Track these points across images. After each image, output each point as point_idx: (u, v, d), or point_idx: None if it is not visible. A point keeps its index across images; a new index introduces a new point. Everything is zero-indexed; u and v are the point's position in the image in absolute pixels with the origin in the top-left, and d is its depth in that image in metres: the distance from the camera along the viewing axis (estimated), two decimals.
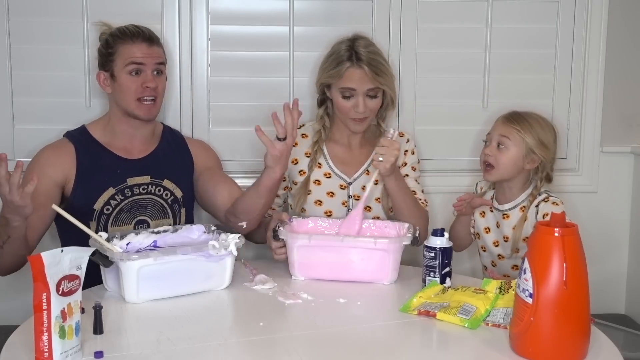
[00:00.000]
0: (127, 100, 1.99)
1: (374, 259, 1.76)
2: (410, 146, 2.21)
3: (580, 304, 1.30)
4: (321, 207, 2.13)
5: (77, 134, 2.05)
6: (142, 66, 1.97)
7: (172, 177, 2.09)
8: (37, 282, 1.21)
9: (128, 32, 2.00)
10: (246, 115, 2.39)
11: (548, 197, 2.04)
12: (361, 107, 2.05)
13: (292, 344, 1.40)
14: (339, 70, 2.05)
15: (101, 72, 2.02)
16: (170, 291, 1.62)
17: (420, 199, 2.16)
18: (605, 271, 2.58)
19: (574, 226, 1.31)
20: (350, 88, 2.05)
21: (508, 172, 2.05)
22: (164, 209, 2.08)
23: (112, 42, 2.00)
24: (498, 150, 2.04)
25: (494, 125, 2.08)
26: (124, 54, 1.97)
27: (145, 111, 2.00)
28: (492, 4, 2.44)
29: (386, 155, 1.92)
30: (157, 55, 2.02)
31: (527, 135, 2.02)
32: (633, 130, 2.58)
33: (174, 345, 1.37)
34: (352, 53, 2.05)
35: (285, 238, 1.79)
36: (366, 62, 2.04)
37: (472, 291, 1.61)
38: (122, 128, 2.05)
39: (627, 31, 2.51)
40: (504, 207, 2.10)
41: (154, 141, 2.11)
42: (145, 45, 1.99)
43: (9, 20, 2.26)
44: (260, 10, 2.38)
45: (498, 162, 2.03)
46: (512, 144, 2.03)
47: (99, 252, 1.56)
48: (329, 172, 2.16)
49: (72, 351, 1.26)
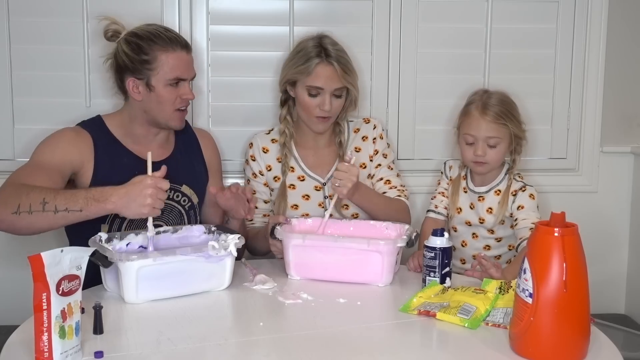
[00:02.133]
0: (165, 111, 1.93)
1: (367, 260, 1.75)
2: (378, 132, 2.20)
3: (580, 304, 1.30)
4: (298, 210, 2.13)
5: (93, 125, 1.98)
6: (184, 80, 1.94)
7: (189, 183, 2.05)
8: (37, 282, 1.21)
9: (164, 37, 1.91)
10: (246, 115, 2.40)
11: (525, 187, 2.07)
12: (327, 105, 2.04)
13: (292, 344, 1.40)
14: (308, 66, 2.03)
15: (132, 78, 1.92)
16: (170, 292, 1.62)
17: (395, 187, 2.15)
18: (605, 271, 2.59)
19: (574, 226, 1.30)
20: (318, 87, 2.03)
21: (498, 163, 2.09)
22: (181, 215, 2.04)
23: (146, 48, 1.89)
24: (489, 149, 2.04)
25: (474, 124, 2.03)
26: (165, 64, 1.89)
27: (179, 121, 1.97)
28: (492, 4, 2.44)
29: (344, 180, 1.90)
30: (193, 66, 1.98)
31: (512, 125, 2.04)
32: (633, 130, 2.58)
33: (174, 345, 1.37)
34: (321, 50, 2.04)
35: (281, 237, 1.80)
36: (335, 59, 2.04)
37: (472, 291, 1.61)
38: (140, 132, 1.99)
39: (627, 31, 2.51)
40: (480, 190, 2.12)
41: (169, 144, 2.07)
42: (184, 54, 1.93)
43: (9, 20, 2.27)
44: (260, 10, 2.38)
45: (491, 160, 2.05)
46: (502, 140, 2.04)
47: (98, 252, 1.55)
48: (303, 175, 2.15)
49: (72, 351, 1.26)
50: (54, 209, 1.66)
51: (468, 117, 2.06)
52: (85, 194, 1.68)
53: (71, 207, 1.66)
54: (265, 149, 2.18)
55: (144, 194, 1.63)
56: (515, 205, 2.05)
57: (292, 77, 2.08)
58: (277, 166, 2.17)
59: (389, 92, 2.46)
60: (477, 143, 2.04)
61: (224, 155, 2.34)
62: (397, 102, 2.46)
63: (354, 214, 2.14)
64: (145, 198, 1.63)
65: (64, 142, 1.90)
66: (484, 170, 2.08)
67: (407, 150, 2.49)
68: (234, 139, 2.38)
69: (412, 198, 2.25)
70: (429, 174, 2.46)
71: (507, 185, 2.09)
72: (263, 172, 2.17)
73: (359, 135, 2.20)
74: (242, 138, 2.37)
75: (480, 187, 2.12)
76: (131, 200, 1.64)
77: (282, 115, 2.17)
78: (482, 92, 2.10)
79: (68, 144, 1.90)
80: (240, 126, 2.39)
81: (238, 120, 2.40)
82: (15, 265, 2.26)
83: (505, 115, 2.03)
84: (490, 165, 2.06)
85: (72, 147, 1.90)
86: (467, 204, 2.14)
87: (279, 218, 1.90)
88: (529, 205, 2.04)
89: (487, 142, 2.03)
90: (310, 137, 2.17)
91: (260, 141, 2.19)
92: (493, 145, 2.03)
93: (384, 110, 2.45)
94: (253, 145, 2.19)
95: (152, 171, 1.67)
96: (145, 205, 1.64)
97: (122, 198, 1.65)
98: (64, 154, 1.87)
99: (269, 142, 2.19)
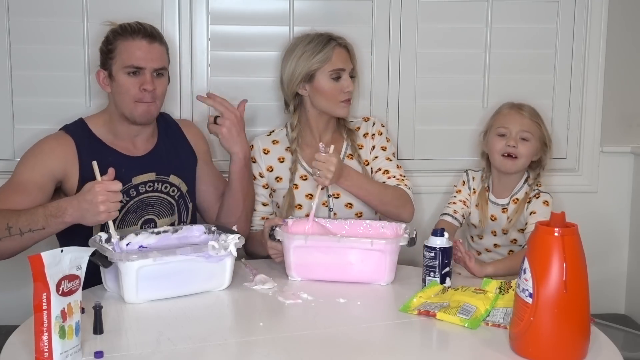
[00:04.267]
0: (125, 102, 1.92)
1: (370, 259, 1.75)
2: (376, 128, 2.21)
3: (580, 304, 1.30)
4: (302, 210, 2.12)
5: (76, 128, 1.98)
6: (141, 69, 1.91)
7: (177, 171, 2.04)
8: (37, 282, 1.21)
9: (128, 29, 1.92)
10: (246, 115, 2.38)
11: (539, 194, 2.09)
12: (350, 85, 2.09)
13: (292, 344, 1.40)
14: (327, 52, 2.07)
15: (101, 70, 1.96)
16: (169, 292, 1.62)
17: (394, 176, 2.15)
18: (605, 271, 2.59)
19: (574, 226, 1.30)
20: (340, 68, 2.08)
21: (526, 163, 2.12)
22: (171, 206, 2.03)
23: (112, 39, 1.92)
24: (521, 143, 2.08)
25: (508, 118, 2.11)
26: (123, 52, 1.90)
27: (141, 113, 1.92)
28: (492, 4, 2.44)
29: (322, 170, 1.90)
30: (158, 57, 1.93)
31: (544, 129, 2.12)
32: (633, 130, 2.58)
33: (174, 345, 1.37)
34: (329, 36, 2.10)
35: (281, 239, 1.80)
36: (344, 43, 2.12)
37: (472, 291, 1.61)
38: (122, 129, 1.98)
39: (627, 31, 2.51)
40: (503, 202, 2.13)
41: (153, 136, 2.06)
42: (145, 43, 1.91)
43: (9, 20, 2.26)
44: (260, 10, 2.38)
45: (521, 154, 2.08)
46: (533, 137, 2.09)
47: (98, 252, 1.55)
48: (306, 174, 2.15)
49: (72, 351, 1.26)
50: (19, 232, 1.69)
51: (502, 115, 2.14)
52: (44, 211, 1.70)
53: (34, 227, 1.69)
54: (266, 150, 2.18)
55: (95, 202, 1.64)
56: (529, 211, 2.07)
57: (312, 68, 2.08)
58: (279, 166, 2.17)
59: (389, 92, 2.46)
60: (509, 135, 2.08)
61: (224, 154, 2.33)
62: (397, 102, 2.46)
63: (358, 213, 2.13)
64: (97, 206, 1.64)
65: (44, 155, 1.90)
66: (512, 167, 2.09)
67: (407, 150, 2.49)
68: None
69: (413, 198, 2.24)
70: (429, 173, 2.46)
71: (525, 193, 2.11)
72: (263, 174, 2.17)
73: (360, 133, 2.21)
74: None
75: (502, 199, 2.14)
76: (85, 211, 1.66)
77: (293, 123, 2.17)
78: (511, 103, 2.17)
79: (48, 156, 1.90)
80: None
81: None
82: (15, 266, 2.25)
83: (538, 117, 2.13)
84: (519, 161, 2.09)
85: (52, 159, 1.89)
86: (489, 216, 2.15)
87: (275, 220, 1.89)
88: (542, 211, 2.04)
89: (521, 134, 2.08)
90: (317, 135, 2.17)
91: (261, 143, 2.19)
92: (526, 138, 2.08)
93: (384, 110, 2.45)
94: (254, 147, 2.19)
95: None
96: (100, 213, 1.64)
97: (77, 210, 1.67)
98: (44, 168, 1.87)
99: (270, 144, 2.19)
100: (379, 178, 2.16)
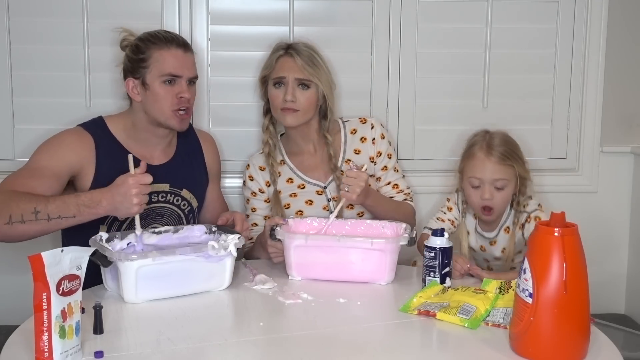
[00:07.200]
0: (162, 110, 1.91)
1: (371, 259, 1.75)
2: (377, 132, 2.19)
3: (580, 304, 1.30)
4: (303, 216, 2.12)
5: (95, 127, 1.96)
6: (177, 78, 1.91)
7: (190, 187, 2.05)
8: (37, 282, 1.21)
9: (161, 37, 1.92)
10: (246, 115, 2.40)
11: (529, 216, 1.99)
12: (290, 94, 2.05)
13: (292, 344, 1.40)
14: (271, 60, 2.10)
15: (131, 79, 1.93)
16: (169, 291, 1.62)
17: (403, 191, 2.17)
18: (605, 271, 2.59)
19: (574, 226, 1.30)
20: (281, 77, 2.07)
21: (505, 207, 2.02)
22: (180, 219, 2.03)
23: (143, 48, 1.91)
24: (496, 192, 1.96)
25: (479, 168, 1.96)
26: (160, 61, 1.89)
27: (178, 122, 1.94)
28: (492, 4, 2.44)
29: (352, 186, 1.91)
30: (192, 66, 1.95)
31: (518, 166, 1.98)
32: (633, 130, 2.58)
33: (174, 345, 1.37)
34: (287, 46, 2.11)
35: (282, 238, 1.80)
36: (298, 53, 2.08)
37: (472, 291, 1.61)
38: (145, 136, 1.98)
39: (627, 31, 2.51)
40: (491, 235, 2.06)
41: (171, 146, 2.05)
42: (181, 52, 1.92)
43: (9, 20, 2.27)
44: (260, 10, 2.39)
45: (498, 204, 1.97)
46: (509, 182, 1.97)
47: (98, 252, 1.56)
48: (302, 183, 2.16)
49: (72, 351, 1.26)
50: (47, 217, 1.70)
51: (472, 159, 1.98)
52: (76, 201, 1.71)
53: (64, 214, 1.70)
54: (262, 167, 2.19)
55: (129, 195, 1.67)
56: (527, 236, 1.96)
57: (261, 75, 2.13)
58: (277, 180, 2.17)
59: (389, 92, 2.46)
60: (483, 186, 1.95)
61: (224, 155, 2.34)
62: (397, 102, 2.46)
63: (360, 213, 2.14)
64: (131, 199, 1.68)
65: (63, 146, 1.90)
66: (492, 217, 2.00)
67: (407, 150, 2.49)
68: (234, 138, 2.38)
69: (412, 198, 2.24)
70: (429, 173, 2.46)
71: (514, 221, 2.01)
72: (263, 190, 2.18)
73: (357, 137, 2.20)
74: (242, 138, 2.37)
75: (489, 233, 2.06)
76: (119, 203, 1.69)
77: (264, 125, 2.19)
78: (484, 132, 2.03)
79: (68, 148, 1.89)
80: (240, 126, 2.39)
81: (238, 120, 2.40)
82: (15, 266, 2.26)
83: (511, 156, 1.97)
84: (496, 210, 1.98)
85: (71, 151, 1.89)
86: (478, 246, 2.09)
87: (275, 220, 1.89)
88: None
89: (494, 184, 1.95)
90: (300, 143, 2.18)
91: (255, 161, 2.21)
92: (500, 187, 1.95)
93: (384, 110, 2.45)
94: (250, 167, 2.21)
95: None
96: (134, 205, 1.69)
97: (111, 203, 1.70)
98: (62, 158, 1.87)
99: (257, 170, 2.20)
100: (387, 191, 2.17)
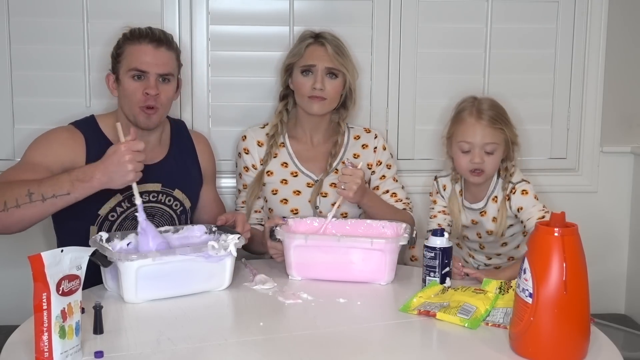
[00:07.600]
0: (130, 105, 1.91)
1: (370, 259, 1.75)
2: (380, 142, 2.20)
3: (580, 304, 1.30)
4: (287, 205, 2.12)
5: (87, 126, 1.96)
6: (145, 73, 1.89)
7: (183, 187, 2.04)
8: (37, 282, 1.21)
9: (136, 33, 1.91)
10: (246, 115, 2.39)
11: (514, 188, 2.01)
12: (319, 83, 2.05)
13: (292, 344, 1.40)
14: (300, 48, 2.10)
15: (110, 74, 1.96)
16: (169, 292, 1.62)
17: (401, 200, 2.16)
18: (605, 271, 2.59)
19: (574, 226, 1.30)
20: (310, 65, 2.07)
21: (495, 170, 2.03)
22: (172, 220, 2.02)
23: (121, 43, 1.93)
24: (486, 156, 1.97)
25: (469, 131, 1.97)
26: (129, 56, 1.90)
27: (144, 119, 1.90)
28: (492, 4, 2.44)
29: (349, 183, 1.91)
30: (163, 62, 1.90)
31: (507, 129, 1.99)
32: (633, 130, 2.58)
33: (174, 345, 1.37)
34: (316, 35, 2.11)
35: (282, 238, 1.80)
36: (328, 42, 2.09)
37: (472, 291, 1.61)
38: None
39: (627, 31, 2.51)
40: (480, 206, 2.06)
41: (163, 146, 2.04)
42: (151, 47, 1.89)
43: (9, 20, 2.27)
44: (260, 10, 2.39)
45: (488, 167, 1.99)
46: (499, 146, 1.99)
47: (98, 252, 1.56)
48: (296, 171, 2.15)
49: (72, 351, 1.26)
50: (41, 198, 1.67)
51: (462, 124, 1.99)
52: (69, 177, 1.69)
53: (58, 192, 1.68)
54: (260, 142, 2.17)
55: (123, 161, 1.66)
56: (514, 209, 2.00)
57: (288, 62, 2.12)
58: (272, 161, 2.16)
59: (389, 92, 2.46)
60: (473, 150, 1.97)
61: (224, 155, 2.34)
62: (397, 102, 2.46)
63: (343, 214, 2.13)
64: (125, 166, 1.66)
65: (56, 143, 1.89)
66: (481, 180, 2.00)
67: (407, 150, 2.49)
68: (233, 138, 2.37)
69: (411, 198, 2.24)
70: (429, 174, 2.45)
71: (503, 187, 2.03)
72: (257, 166, 2.16)
73: (359, 143, 2.20)
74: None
75: (477, 204, 2.06)
76: (113, 173, 1.67)
77: (277, 109, 2.19)
78: (472, 98, 2.04)
79: (60, 145, 1.89)
80: (240, 126, 2.38)
81: (238, 120, 2.40)
82: (15, 265, 2.26)
83: (500, 120, 1.98)
84: (486, 174, 1.99)
85: (64, 148, 1.89)
86: (469, 220, 2.09)
87: (275, 220, 1.89)
88: (526, 202, 1.98)
89: (484, 148, 1.96)
90: (307, 130, 2.17)
91: (254, 134, 2.18)
92: (490, 151, 1.97)
93: (384, 110, 2.46)
94: (247, 138, 2.18)
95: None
96: (129, 172, 1.67)
97: (105, 174, 1.67)
98: (55, 155, 1.87)
99: (264, 136, 2.18)
100: (386, 200, 2.16)
